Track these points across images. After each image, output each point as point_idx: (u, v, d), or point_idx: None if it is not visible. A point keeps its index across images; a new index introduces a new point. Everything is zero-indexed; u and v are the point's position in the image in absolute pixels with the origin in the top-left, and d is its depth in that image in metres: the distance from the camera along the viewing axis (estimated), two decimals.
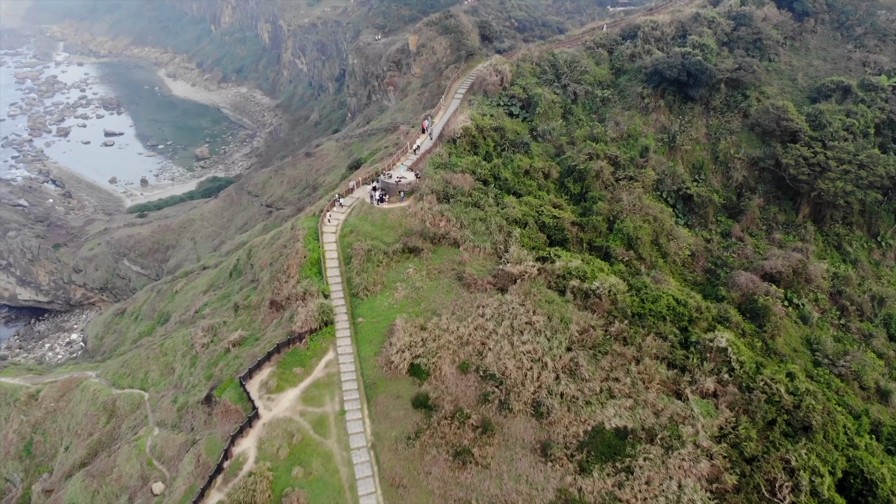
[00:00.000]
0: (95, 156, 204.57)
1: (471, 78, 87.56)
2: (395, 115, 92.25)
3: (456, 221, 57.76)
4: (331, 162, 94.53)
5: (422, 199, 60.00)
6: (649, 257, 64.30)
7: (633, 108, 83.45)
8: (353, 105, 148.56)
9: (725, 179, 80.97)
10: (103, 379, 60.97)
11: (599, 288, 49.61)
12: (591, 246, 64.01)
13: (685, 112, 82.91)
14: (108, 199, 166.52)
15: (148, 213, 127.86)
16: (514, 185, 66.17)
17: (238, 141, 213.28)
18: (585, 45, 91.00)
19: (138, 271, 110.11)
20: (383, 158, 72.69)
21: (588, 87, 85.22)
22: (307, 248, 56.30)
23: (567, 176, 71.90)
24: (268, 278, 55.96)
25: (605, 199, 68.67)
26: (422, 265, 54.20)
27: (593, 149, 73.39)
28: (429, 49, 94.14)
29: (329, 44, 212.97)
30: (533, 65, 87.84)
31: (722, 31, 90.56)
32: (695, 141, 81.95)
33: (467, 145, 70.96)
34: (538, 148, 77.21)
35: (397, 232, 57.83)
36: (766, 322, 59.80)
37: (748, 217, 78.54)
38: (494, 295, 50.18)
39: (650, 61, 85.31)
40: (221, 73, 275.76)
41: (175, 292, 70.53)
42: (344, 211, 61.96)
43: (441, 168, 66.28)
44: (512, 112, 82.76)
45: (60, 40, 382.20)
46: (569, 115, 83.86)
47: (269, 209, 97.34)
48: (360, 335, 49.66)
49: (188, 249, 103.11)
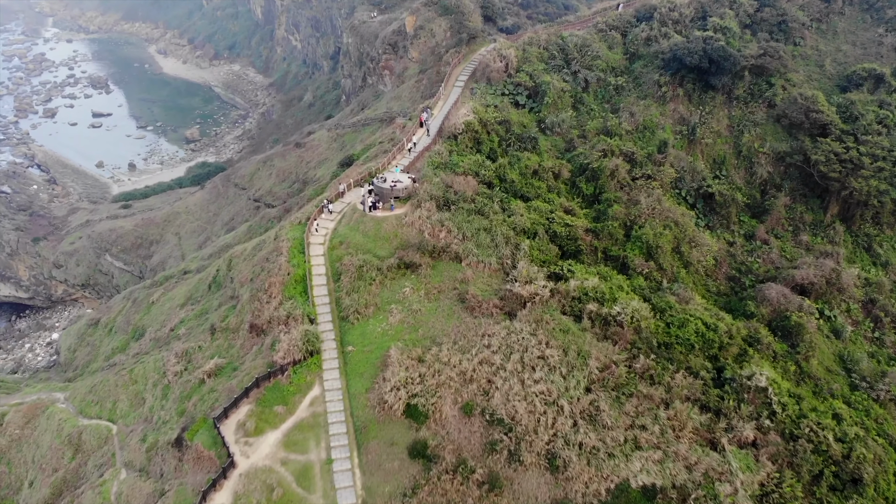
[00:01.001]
0: (82, 138, 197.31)
1: (473, 63, 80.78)
2: (390, 103, 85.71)
3: (458, 232, 51.86)
4: (322, 154, 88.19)
5: (419, 207, 53.99)
6: (670, 268, 58.46)
7: (649, 96, 76.88)
8: (347, 87, 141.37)
9: (749, 176, 74.75)
10: (71, 405, 55.56)
11: (621, 314, 43.91)
12: (607, 255, 58.11)
13: (706, 102, 76.36)
14: (93, 185, 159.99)
15: (132, 204, 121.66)
16: (521, 187, 60.05)
17: (230, 122, 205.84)
18: (597, 28, 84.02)
19: (121, 267, 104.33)
20: (377, 156, 66.43)
21: (600, 73, 78.54)
22: (291, 264, 50.43)
23: (579, 175, 65.73)
24: (248, 297, 50.18)
25: (621, 202, 62.57)
26: (420, 283, 48.47)
27: (607, 144, 67.08)
28: (427, 31, 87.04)
29: (323, 20, 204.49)
30: (540, 49, 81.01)
31: (744, 13, 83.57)
32: (716, 133, 75.55)
33: (469, 142, 64.68)
34: (546, 142, 70.90)
35: (392, 244, 51.98)
36: (799, 342, 54.15)
37: (773, 217, 72.45)
38: (502, 321, 44.51)
39: (667, 46, 78.51)
40: (213, 50, 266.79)
41: (151, 303, 64.81)
42: (333, 218, 55.95)
43: (441, 168, 60.14)
44: (518, 102, 76.24)
45: (49, 16, 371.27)
46: (579, 105, 77.33)
47: (256, 204, 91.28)
48: (349, 367, 44.12)
49: (172, 245, 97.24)
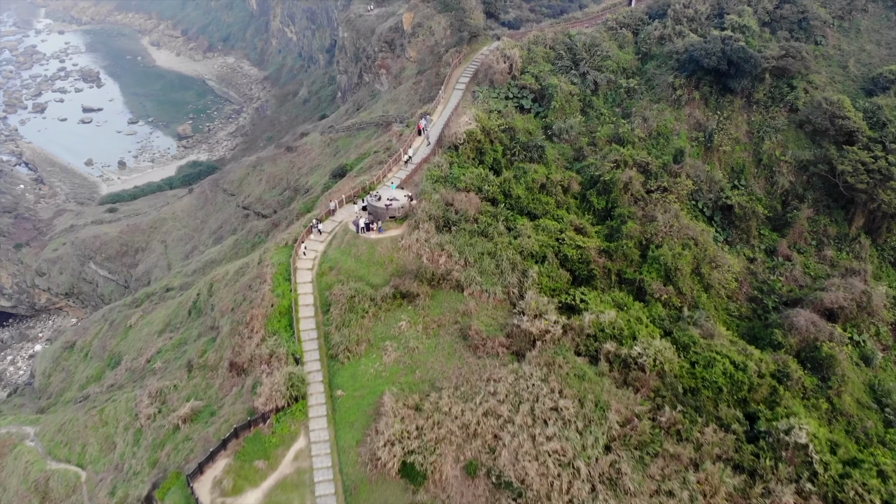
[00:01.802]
0: (72, 134, 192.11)
1: (474, 64, 75.71)
2: (387, 106, 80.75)
3: (459, 257, 47.19)
4: (314, 160, 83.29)
5: (417, 228, 49.27)
6: (690, 292, 53.83)
7: (663, 100, 71.93)
8: (343, 83, 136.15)
9: (769, 186, 69.89)
10: (40, 443, 51.06)
11: (642, 356, 39.32)
12: (622, 278, 53.47)
13: (723, 106, 71.42)
14: (81, 184, 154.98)
15: (119, 207, 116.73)
16: (527, 203, 55.29)
17: (223, 117, 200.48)
18: (607, 25, 78.88)
19: (105, 276, 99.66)
20: (371, 167, 61.60)
21: (610, 75, 73.53)
22: (275, 293, 45.76)
23: (590, 188, 60.96)
24: (228, 330, 45.54)
25: (636, 218, 57.83)
26: (417, 316, 43.85)
27: (620, 154, 62.24)
28: (426, 29, 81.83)
29: (319, 11, 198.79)
30: (547, 49, 75.93)
31: (763, 10, 78.39)
32: (734, 140, 70.67)
33: (471, 152, 59.83)
34: (554, 150, 66.01)
35: (387, 270, 47.31)
36: (831, 375, 49.63)
37: (796, 230, 67.72)
38: (509, 363, 39.94)
39: (682, 45, 73.45)
40: (207, 42, 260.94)
41: (129, 327, 60.22)
42: (323, 239, 51.22)
43: (441, 183, 55.36)
44: (523, 106, 71.29)
45: (42, 6, 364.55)
46: (588, 109, 72.39)
47: (245, 212, 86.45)
48: (339, 415, 39.57)
49: (158, 254, 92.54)
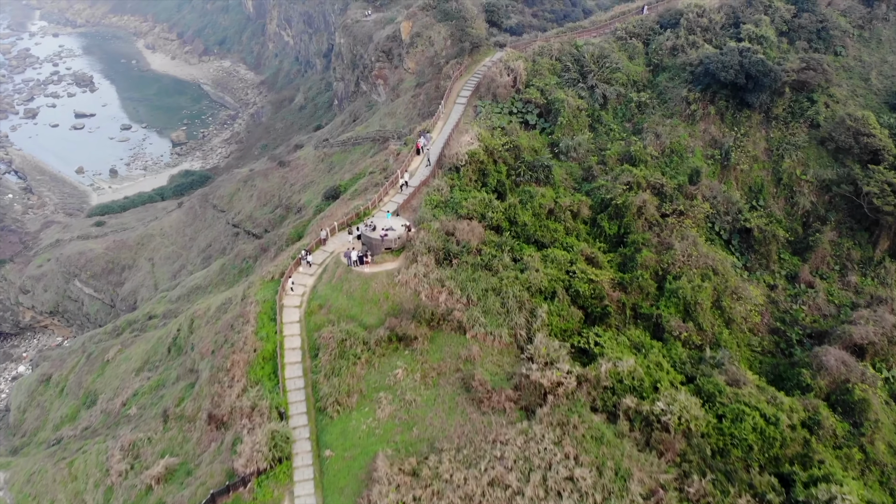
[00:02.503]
0: (63, 140, 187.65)
1: (476, 76, 71.65)
2: (384, 120, 76.71)
3: (461, 294, 43.10)
4: (307, 176, 79.26)
5: (415, 261, 45.16)
6: (711, 328, 49.74)
7: (676, 115, 67.90)
8: (340, 90, 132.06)
9: (789, 206, 65.85)
10: (9, 493, 46.91)
11: (666, 413, 35.22)
12: (637, 313, 49.43)
13: (740, 121, 67.38)
14: (71, 194, 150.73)
15: (106, 220, 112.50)
16: (534, 231, 51.21)
17: (218, 123, 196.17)
18: (615, 35, 74.82)
19: (91, 294, 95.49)
20: (367, 189, 57.50)
21: (620, 88, 69.48)
22: (259, 336, 41.65)
23: (600, 211, 56.88)
24: (207, 377, 41.42)
25: (651, 245, 53.79)
26: (415, 363, 39.74)
27: (632, 175, 58.17)
28: (425, 39, 77.64)
29: (316, 15, 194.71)
30: (552, 60, 71.88)
31: (780, 19, 74.36)
32: (752, 158, 66.62)
33: (474, 174, 55.75)
34: (561, 170, 61.99)
35: (382, 309, 43.20)
36: (864, 420, 45.57)
37: (818, 254, 63.68)
38: (517, 421, 35.83)
39: (696, 57, 69.47)
40: (203, 45, 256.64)
41: (106, 362, 56.12)
42: (313, 272, 47.10)
43: (441, 209, 51.29)
44: (527, 121, 67.28)
45: (37, 8, 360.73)
46: (597, 125, 68.35)
47: (235, 230, 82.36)
48: (327, 478, 35.44)
49: (145, 273, 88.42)
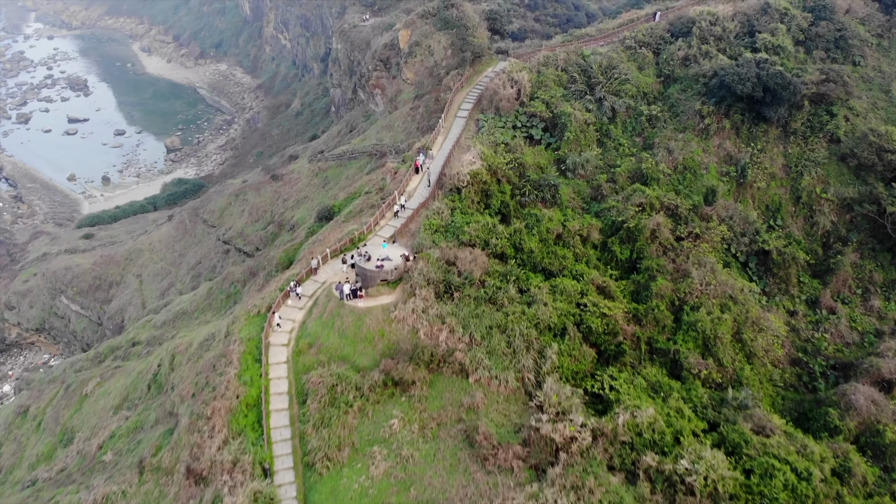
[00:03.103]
0: (56, 146, 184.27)
1: (478, 88, 68.16)
2: (381, 133, 73.25)
3: (463, 332, 39.59)
4: (301, 191, 75.78)
5: (413, 295, 41.63)
6: (731, 363, 46.22)
7: (689, 129, 64.41)
8: (337, 97, 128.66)
9: (809, 226, 62.35)
10: None
11: (691, 474, 31.68)
12: (653, 348, 45.90)
13: (757, 136, 63.89)
14: (62, 202, 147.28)
15: (95, 233, 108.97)
16: (541, 258, 47.66)
17: (213, 128, 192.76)
18: (624, 44, 71.31)
19: (78, 311, 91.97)
20: (362, 211, 53.96)
21: (629, 100, 66.01)
22: (242, 380, 38.09)
23: (612, 234, 53.37)
24: (186, 424, 37.87)
25: (666, 272, 50.26)
26: (412, 411, 36.22)
27: (644, 196, 54.68)
28: (424, 48, 74.07)
29: (314, 18, 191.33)
30: (558, 71, 68.38)
31: (797, 27, 70.92)
32: (769, 175, 63.14)
33: (476, 195, 52.22)
34: (568, 188, 58.51)
35: (376, 349, 39.68)
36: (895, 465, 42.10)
37: (839, 278, 60.11)
38: (526, 483, 32.30)
39: (710, 67, 66.04)
40: (199, 48, 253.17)
41: (84, 396, 52.55)
42: (302, 305, 43.55)
43: (441, 234, 47.78)
44: (532, 136, 63.79)
45: (32, 10, 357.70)
46: (606, 139, 64.89)
47: (226, 246, 78.86)
48: None
49: (133, 290, 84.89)
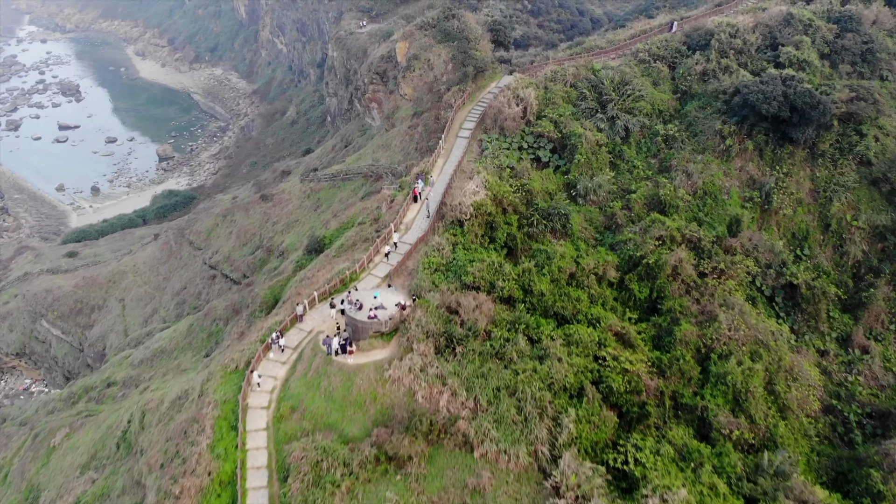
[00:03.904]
0: (45, 154, 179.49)
1: (481, 105, 63.50)
2: (377, 152, 68.53)
3: (467, 396, 34.90)
4: (291, 213, 71.14)
5: (410, 350, 36.94)
6: (764, 419, 41.56)
7: (709, 150, 59.75)
8: (333, 107, 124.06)
9: (838, 256, 57.72)
10: None
11: None
12: (678, 403, 41.24)
13: (782, 159, 59.24)
14: (49, 214, 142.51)
15: (80, 251, 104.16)
16: (553, 301, 42.96)
17: (207, 136, 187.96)
18: (637, 57, 66.62)
19: (59, 336, 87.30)
20: (355, 245, 49.25)
21: (644, 119, 61.37)
22: (215, 454, 33.36)
23: (629, 270, 48.71)
24: (153, 502, 33.16)
25: (690, 314, 45.60)
26: (409, 493, 31.52)
27: (664, 228, 50.01)
28: (423, 62, 69.22)
29: (310, 23, 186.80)
30: (567, 87, 63.75)
31: (821, 39, 66.28)
32: (796, 201, 58.51)
33: (480, 228, 47.57)
34: (579, 217, 53.87)
35: (368, 415, 34.98)
36: None
37: (871, 313, 55.49)
38: None
39: (731, 84, 61.43)
40: (194, 53, 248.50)
41: (52, 448, 47.87)
42: (286, 359, 38.83)
43: (442, 273, 43.11)
44: (539, 157, 59.15)
45: (26, 13, 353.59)
46: (619, 161, 60.23)
47: (212, 272, 74.18)
48: None
49: (115, 315, 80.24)
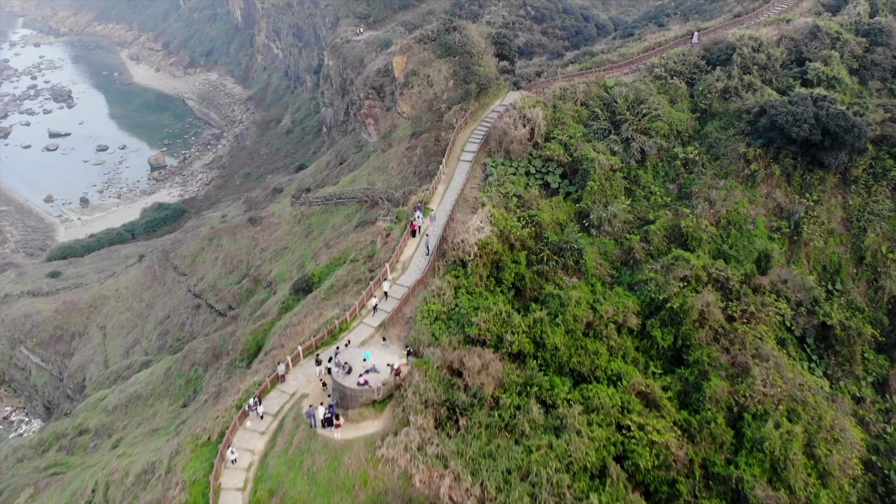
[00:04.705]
0: (35, 163, 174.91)
1: (485, 125, 58.86)
2: (373, 175, 63.77)
3: (472, 481, 30.21)
4: (280, 239, 66.44)
5: (407, 423, 32.25)
6: (804, 489, 36.91)
7: (732, 175, 55.05)
8: (328, 118, 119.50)
9: (873, 291, 52.97)
10: None
11: None
12: (709, 472, 36.58)
13: (812, 185, 54.52)
14: (36, 227, 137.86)
15: (63, 271, 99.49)
16: (569, 357, 38.29)
17: (201, 143, 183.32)
18: (652, 73, 61.91)
19: (38, 363, 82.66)
20: (346, 286, 44.56)
21: (661, 140, 56.70)
22: None
23: (650, 314, 44.04)
24: None
25: (719, 367, 40.95)
26: None
27: (689, 266, 45.34)
28: (422, 78, 64.31)
29: (306, 28, 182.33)
30: (577, 105, 59.08)
31: (850, 54, 61.62)
32: (827, 231, 53.78)
33: (485, 268, 42.91)
34: (593, 250, 49.15)
35: (358, 501, 30.23)
36: None
37: None
38: None
39: (755, 102, 56.78)
40: (189, 57, 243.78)
41: None
42: (264, 429, 34.11)
43: (443, 323, 38.49)
44: (548, 182, 54.51)
45: (20, 16, 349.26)
46: (634, 187, 55.55)
47: (196, 300, 69.44)
48: None
49: (95, 345, 75.55)
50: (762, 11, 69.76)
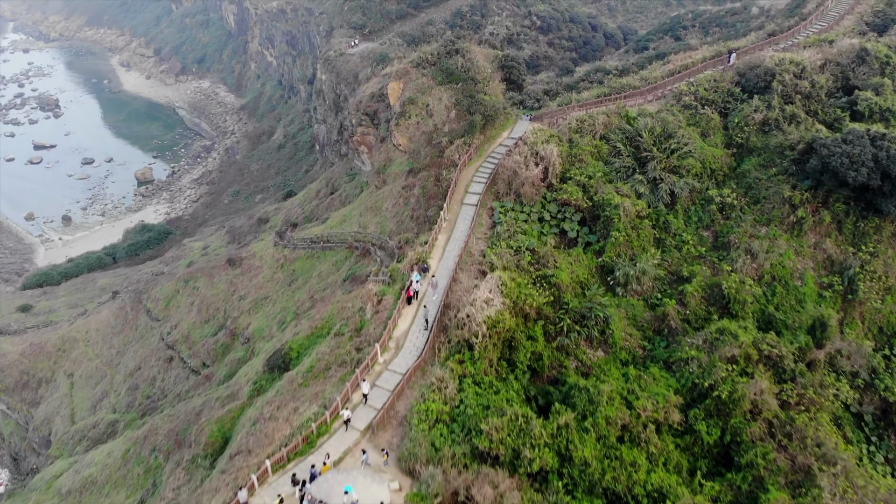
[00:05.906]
0: (17, 178, 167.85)
1: (492, 161, 51.96)
2: (365, 216, 56.84)
3: None
4: (260, 285, 59.68)
5: None
6: None
7: (775, 221, 48.12)
8: (321, 135, 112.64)
9: None
10: None
11: None
12: None
13: (866, 233, 47.59)
14: (15, 249, 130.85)
15: (35, 304, 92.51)
16: (601, 472, 31.33)
17: (191, 156, 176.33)
18: (680, 101, 54.92)
19: (4, 411, 75.72)
20: (328, 369, 37.53)
21: (693, 181, 49.80)
22: None
23: (692, 402, 37.10)
24: None
25: (777, 472, 34.04)
26: None
27: (737, 344, 38.38)
28: (420, 108, 56.95)
29: (300, 36, 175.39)
30: (596, 139, 52.15)
31: None
32: (885, 288, 46.83)
33: (496, 350, 36.00)
34: (621, 316, 42.28)
35: None
36: None
37: None
38: None
39: (799, 137, 49.85)
40: (180, 64, 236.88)
41: None
42: None
43: (445, 428, 31.54)
44: (564, 230, 47.60)
45: (11, 20, 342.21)
46: (663, 234, 48.64)
47: (169, 352, 62.64)
48: None
49: (62, 395, 68.67)
50: (799, 30, 62.61)
